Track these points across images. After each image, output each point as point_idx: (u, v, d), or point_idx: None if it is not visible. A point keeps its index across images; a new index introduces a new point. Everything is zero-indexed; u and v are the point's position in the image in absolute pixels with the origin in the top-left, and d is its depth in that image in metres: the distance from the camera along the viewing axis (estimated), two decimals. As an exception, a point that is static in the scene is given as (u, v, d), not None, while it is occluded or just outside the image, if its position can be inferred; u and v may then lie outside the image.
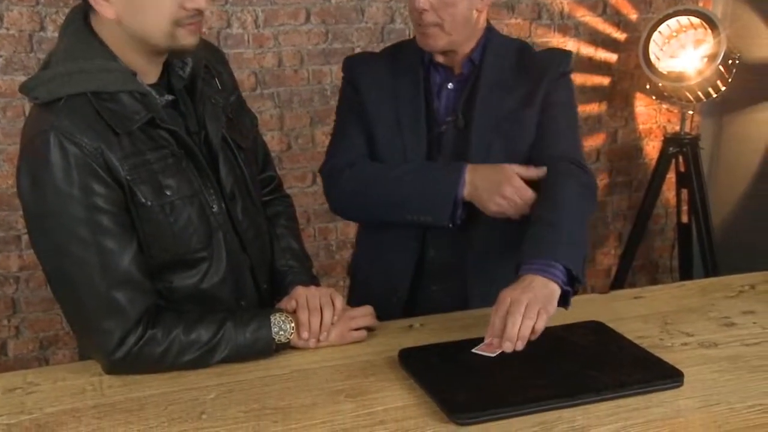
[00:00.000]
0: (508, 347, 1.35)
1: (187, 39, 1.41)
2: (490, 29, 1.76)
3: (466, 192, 1.64)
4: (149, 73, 1.46)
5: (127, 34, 1.39)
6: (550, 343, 1.43)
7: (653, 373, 1.36)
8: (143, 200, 1.40)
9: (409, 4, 1.68)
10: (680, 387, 1.35)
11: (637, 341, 1.50)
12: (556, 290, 1.41)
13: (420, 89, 1.75)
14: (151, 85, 1.45)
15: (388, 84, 1.76)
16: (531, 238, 1.50)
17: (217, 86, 1.58)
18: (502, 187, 1.61)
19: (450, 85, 1.75)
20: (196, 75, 1.52)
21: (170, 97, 1.50)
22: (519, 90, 1.72)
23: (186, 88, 1.52)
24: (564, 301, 1.44)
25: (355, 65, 1.82)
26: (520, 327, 1.35)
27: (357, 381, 1.40)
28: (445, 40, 1.67)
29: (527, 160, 1.69)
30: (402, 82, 1.76)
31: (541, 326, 1.36)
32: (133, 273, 1.40)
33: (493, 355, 1.37)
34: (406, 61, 1.78)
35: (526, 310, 1.36)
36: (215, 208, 1.51)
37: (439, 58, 1.74)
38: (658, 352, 1.46)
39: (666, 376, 1.36)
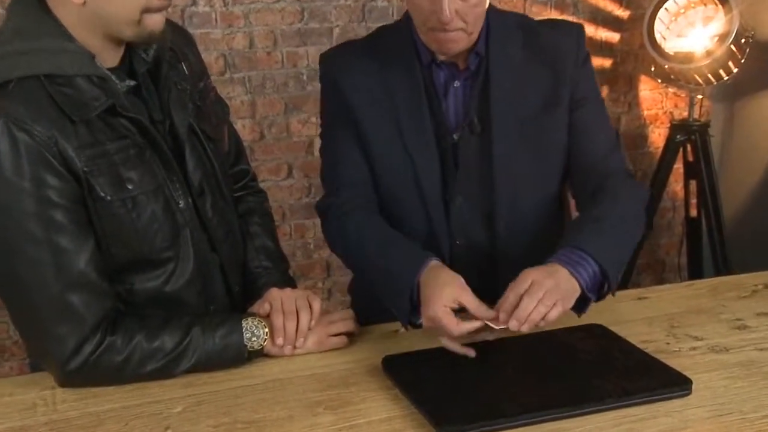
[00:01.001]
0: (514, 325, 1.38)
1: (154, 26, 1.40)
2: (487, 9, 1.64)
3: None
4: (109, 55, 1.45)
5: (90, 16, 1.38)
6: (548, 348, 1.44)
7: (659, 381, 1.37)
8: (102, 194, 1.40)
9: (420, 12, 1.56)
10: (688, 395, 1.35)
11: (641, 346, 1.51)
12: (576, 290, 1.44)
13: (421, 91, 1.65)
14: (111, 69, 1.45)
15: (380, 86, 1.66)
16: (573, 228, 1.54)
17: (184, 71, 1.58)
18: (427, 310, 1.45)
19: (456, 84, 1.66)
20: (161, 58, 1.52)
21: (132, 83, 1.49)
22: (539, 82, 1.66)
23: (149, 72, 1.52)
24: (579, 307, 1.46)
25: (335, 64, 1.70)
26: (532, 310, 1.37)
27: (337, 391, 1.40)
28: (467, 40, 1.59)
29: (561, 171, 1.69)
30: (397, 83, 1.65)
31: (553, 316, 1.39)
32: (89, 274, 1.39)
33: (495, 328, 1.39)
34: (398, 55, 1.67)
35: (544, 296, 1.39)
36: (182, 204, 1.51)
37: (442, 56, 1.64)
38: (665, 357, 1.47)
39: (673, 383, 1.37)
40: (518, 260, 1.52)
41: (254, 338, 1.49)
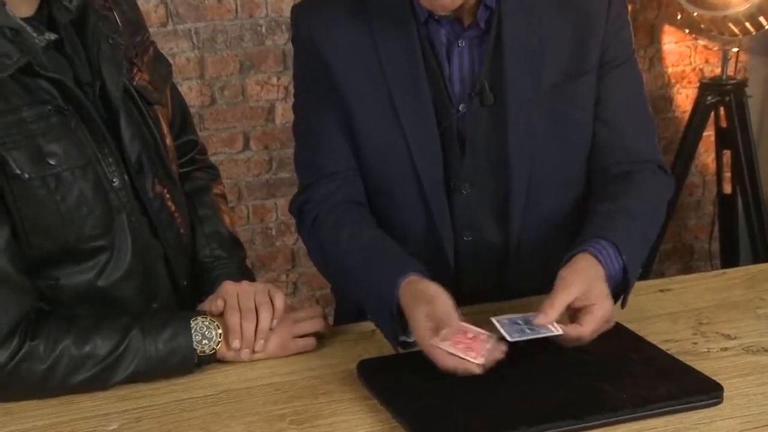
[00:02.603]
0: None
1: None
2: None
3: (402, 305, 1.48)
4: (23, 2, 1.44)
5: None
6: (553, 349, 1.45)
7: (684, 387, 1.38)
8: (18, 172, 1.40)
9: None
10: (719, 404, 1.37)
11: (663, 346, 1.52)
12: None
13: (417, 54, 1.61)
14: (25, 20, 1.44)
15: (368, 47, 1.62)
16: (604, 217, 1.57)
17: (116, 21, 1.58)
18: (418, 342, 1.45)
19: (462, 43, 1.62)
20: (87, 7, 1.51)
21: (52, 36, 1.48)
22: (563, 40, 1.62)
23: (73, 24, 1.51)
24: None
25: (312, 19, 1.66)
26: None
27: (304, 403, 1.41)
28: None
29: (589, 151, 1.68)
30: (389, 44, 1.61)
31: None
32: (4, 268, 1.39)
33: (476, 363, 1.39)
34: (389, 9, 1.62)
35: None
36: (116, 183, 1.51)
37: (440, 11, 1.58)
38: (691, 359, 1.48)
39: (700, 390, 1.38)
40: (536, 260, 1.52)
41: (205, 341, 1.49)
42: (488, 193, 1.67)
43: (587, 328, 1.41)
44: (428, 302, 1.42)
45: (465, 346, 1.38)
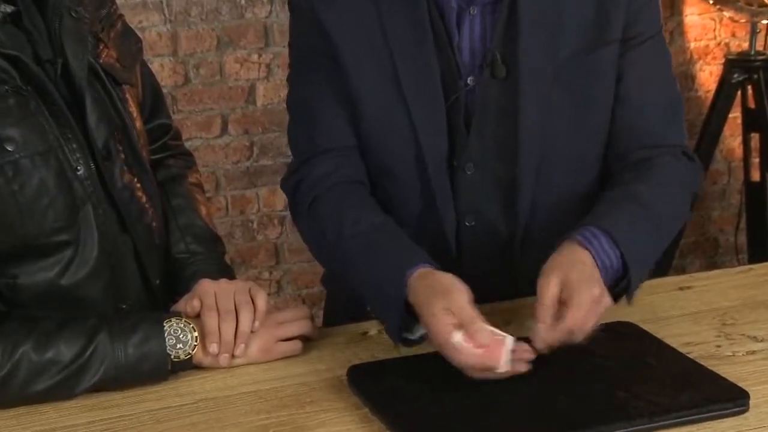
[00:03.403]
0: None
1: None
2: None
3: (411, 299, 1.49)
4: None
5: None
6: (563, 353, 1.45)
7: (706, 394, 1.39)
8: (-29, 159, 1.40)
9: None
10: (745, 413, 1.37)
11: (683, 349, 1.53)
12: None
13: (425, 22, 1.62)
14: (-24, -11, 1.45)
15: (371, 15, 1.64)
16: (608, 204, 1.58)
17: (80, -8, 1.58)
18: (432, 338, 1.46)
19: (474, 11, 1.63)
20: (48, -25, 1.52)
21: (9, 8, 1.48)
22: (584, 9, 1.63)
23: (32, -6, 1.52)
24: None
25: None
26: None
27: (290, 412, 1.41)
28: None
29: (608, 132, 1.69)
30: (394, 12, 1.63)
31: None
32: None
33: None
34: None
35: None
36: (81, 171, 1.51)
37: None
38: (714, 364, 1.49)
39: (725, 397, 1.38)
40: (545, 249, 1.52)
41: (180, 345, 1.50)
42: (494, 175, 1.69)
43: (570, 322, 1.41)
44: (444, 295, 1.43)
45: (485, 350, 1.39)
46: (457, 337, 1.39)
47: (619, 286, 1.52)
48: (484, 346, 1.38)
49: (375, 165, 1.71)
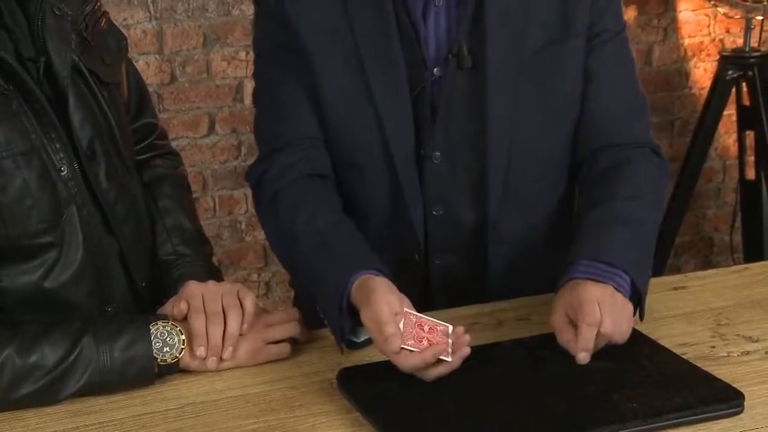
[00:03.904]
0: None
1: None
2: None
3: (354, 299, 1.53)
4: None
5: None
6: (551, 353, 1.46)
7: (701, 396, 1.39)
8: (-47, 160, 1.40)
9: None
10: (740, 413, 1.37)
11: (678, 350, 1.53)
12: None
13: (390, 14, 1.65)
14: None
15: (336, 8, 1.67)
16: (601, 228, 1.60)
17: (63, -11, 1.58)
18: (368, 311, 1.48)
19: (439, 2, 1.66)
20: (29, -29, 1.51)
21: (-10, 7, 1.48)
22: (548, 4, 1.67)
23: (14, -9, 1.51)
24: None
25: None
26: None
27: (278, 417, 1.41)
28: None
29: (575, 123, 1.71)
30: (358, 4, 1.66)
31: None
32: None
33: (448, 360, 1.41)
34: None
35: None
36: (65, 172, 1.51)
37: None
38: (709, 365, 1.49)
39: (719, 399, 1.39)
40: (515, 240, 1.54)
41: (166, 348, 1.49)
42: (462, 164, 1.72)
43: (583, 343, 1.45)
44: (367, 304, 1.46)
45: (427, 342, 1.41)
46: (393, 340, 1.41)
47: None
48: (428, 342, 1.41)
49: (341, 157, 1.73)
